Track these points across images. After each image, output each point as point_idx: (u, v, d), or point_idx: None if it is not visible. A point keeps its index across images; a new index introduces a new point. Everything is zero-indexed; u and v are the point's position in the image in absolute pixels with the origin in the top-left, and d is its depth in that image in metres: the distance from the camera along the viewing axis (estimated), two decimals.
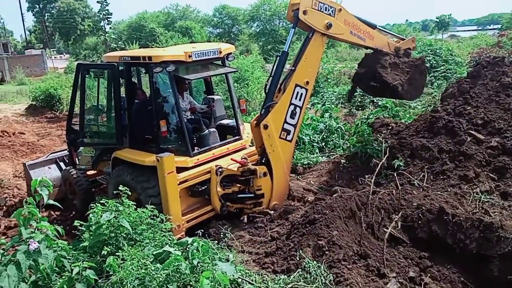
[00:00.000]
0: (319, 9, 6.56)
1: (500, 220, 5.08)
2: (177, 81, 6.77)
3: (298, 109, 6.74)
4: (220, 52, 7.11)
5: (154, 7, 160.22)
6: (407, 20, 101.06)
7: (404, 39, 7.94)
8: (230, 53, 7.45)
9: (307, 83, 6.71)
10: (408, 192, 6.12)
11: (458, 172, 6.44)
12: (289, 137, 6.82)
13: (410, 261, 5.00)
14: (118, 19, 64.02)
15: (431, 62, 18.02)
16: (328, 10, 6.65)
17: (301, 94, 6.69)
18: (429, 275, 4.86)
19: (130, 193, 4.93)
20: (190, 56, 6.54)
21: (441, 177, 6.56)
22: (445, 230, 5.18)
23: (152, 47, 32.56)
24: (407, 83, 7.54)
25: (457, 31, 76.68)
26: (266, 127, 6.54)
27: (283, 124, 6.68)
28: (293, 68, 6.73)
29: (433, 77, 16.94)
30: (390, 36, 8.36)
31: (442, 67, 17.52)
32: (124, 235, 4.47)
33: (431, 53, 18.43)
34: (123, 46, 39.03)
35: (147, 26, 50.82)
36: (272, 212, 6.98)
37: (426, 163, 6.95)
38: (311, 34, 6.68)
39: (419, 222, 5.35)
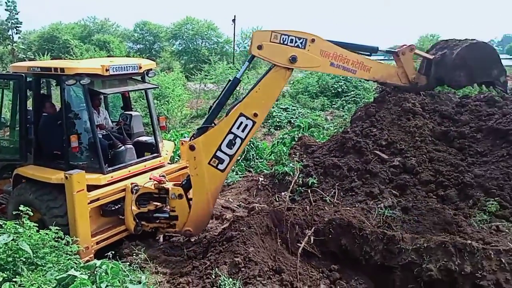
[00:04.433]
0: (282, 42, 5.95)
1: (401, 233, 5.54)
2: (91, 95, 6.47)
3: (238, 140, 6.05)
4: (140, 68, 6.95)
5: (69, 18, 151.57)
6: None
7: (394, 51, 7.28)
8: (151, 69, 7.29)
9: (255, 115, 5.99)
10: (320, 208, 6.42)
11: (364, 189, 6.91)
12: (221, 166, 6.10)
13: (321, 274, 5.22)
14: (29, 29, 59.27)
15: (342, 88, 19.41)
16: (295, 42, 6.00)
17: (246, 125, 6.01)
18: (338, 287, 5.11)
19: (32, 214, 4.63)
20: (107, 70, 6.29)
21: (350, 193, 6.99)
22: (353, 243, 5.52)
23: (65, 59, 30.77)
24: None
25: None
26: (192, 148, 6.00)
27: (216, 150, 6.03)
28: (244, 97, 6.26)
29: (344, 101, 18.21)
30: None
31: (352, 92, 18.96)
32: (24, 259, 4.16)
33: (343, 79, 19.83)
34: (33, 57, 36.30)
35: (60, 37, 47.89)
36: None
37: (337, 181, 7.36)
38: (272, 66, 6.11)
39: (330, 236, 5.64)
